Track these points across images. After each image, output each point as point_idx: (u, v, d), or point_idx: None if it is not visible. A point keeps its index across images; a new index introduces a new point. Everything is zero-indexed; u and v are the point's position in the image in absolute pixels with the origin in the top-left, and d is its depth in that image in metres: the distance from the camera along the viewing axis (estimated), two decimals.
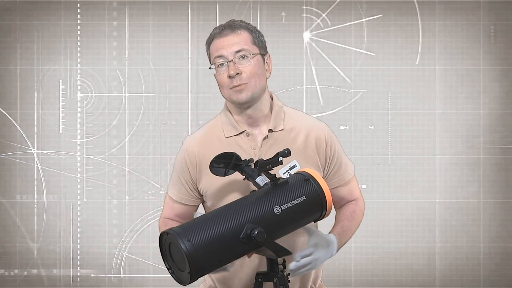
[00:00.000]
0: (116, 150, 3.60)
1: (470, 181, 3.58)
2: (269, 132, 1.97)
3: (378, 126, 3.60)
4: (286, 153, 1.78)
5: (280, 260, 1.78)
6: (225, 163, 1.79)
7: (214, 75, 1.97)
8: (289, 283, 1.80)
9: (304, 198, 1.72)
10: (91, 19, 3.59)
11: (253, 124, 1.98)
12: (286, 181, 1.73)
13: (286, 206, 1.69)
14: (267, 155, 1.92)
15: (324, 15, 3.59)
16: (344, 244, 1.97)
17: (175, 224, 1.94)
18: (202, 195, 2.02)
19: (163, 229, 1.84)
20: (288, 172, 1.92)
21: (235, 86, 1.91)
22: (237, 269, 1.98)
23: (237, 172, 1.80)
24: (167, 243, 1.66)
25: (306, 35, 3.59)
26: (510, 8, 3.58)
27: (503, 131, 3.57)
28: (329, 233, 1.94)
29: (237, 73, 1.90)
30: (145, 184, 3.60)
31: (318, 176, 1.75)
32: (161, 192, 3.60)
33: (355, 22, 3.57)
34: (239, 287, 2.01)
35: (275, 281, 1.76)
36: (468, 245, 3.57)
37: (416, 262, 3.58)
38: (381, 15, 3.58)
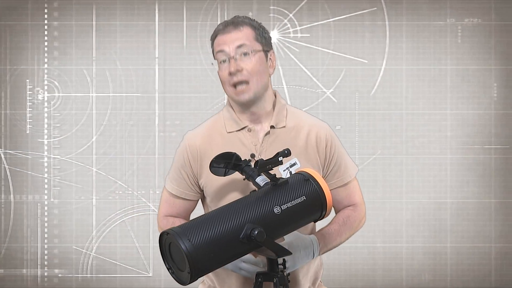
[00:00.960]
0: (83, 150, 3.63)
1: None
2: (271, 128, 1.99)
3: (345, 127, 3.63)
4: (286, 153, 1.79)
5: (280, 260, 1.79)
6: (225, 163, 1.80)
7: (218, 72, 1.99)
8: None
9: (304, 198, 1.73)
10: (58, 19, 3.62)
11: (255, 120, 1.99)
12: (286, 181, 1.75)
13: (286, 206, 1.70)
14: (268, 151, 1.94)
15: (291, 15, 3.62)
16: (332, 248, 1.98)
17: (176, 221, 1.99)
18: (202, 190, 2.03)
19: (166, 226, 1.87)
20: (288, 169, 1.93)
21: (236, 84, 1.92)
22: None
23: (237, 171, 1.82)
24: (167, 243, 1.67)
25: (274, 35, 3.62)
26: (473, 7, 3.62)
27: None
28: (312, 234, 1.96)
29: (238, 70, 1.91)
30: (112, 184, 3.63)
31: (318, 176, 1.77)
32: (128, 192, 3.63)
33: (323, 22, 3.60)
34: (238, 287, 2.01)
35: (275, 281, 1.77)
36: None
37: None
38: (348, 15, 3.61)
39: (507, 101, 3.64)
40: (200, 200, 2.10)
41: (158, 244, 1.71)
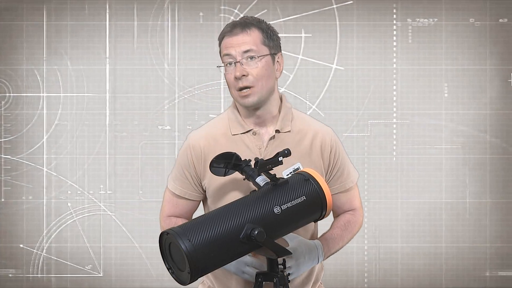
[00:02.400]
0: (34, 150, 3.67)
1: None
2: (276, 132, 2.00)
3: None
4: (286, 153, 1.80)
5: (280, 260, 1.80)
6: (225, 163, 1.81)
7: (224, 74, 1.99)
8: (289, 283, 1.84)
9: (304, 198, 1.74)
10: (8, 18, 3.66)
11: (260, 124, 2.00)
12: (286, 181, 1.76)
13: (286, 206, 1.72)
14: (272, 155, 1.90)
15: (242, 15, 3.66)
16: (334, 253, 2.00)
17: (179, 221, 1.99)
18: (205, 191, 2.04)
19: (169, 227, 1.86)
20: (291, 174, 1.93)
21: (241, 89, 1.92)
22: None
23: (237, 171, 1.84)
24: (167, 243, 1.68)
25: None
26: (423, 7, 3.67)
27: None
28: (316, 239, 1.98)
29: (244, 75, 1.91)
30: (63, 184, 3.67)
31: (318, 176, 1.78)
32: (78, 192, 3.67)
33: (273, 22, 3.65)
34: (236, 286, 2.02)
35: (275, 281, 1.79)
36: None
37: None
38: (299, 15, 3.66)
39: (456, 101, 3.69)
40: (202, 202, 2.13)
41: (108, 244, 1.73)
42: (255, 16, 2.05)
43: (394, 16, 3.69)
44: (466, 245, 3.69)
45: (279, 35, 2.02)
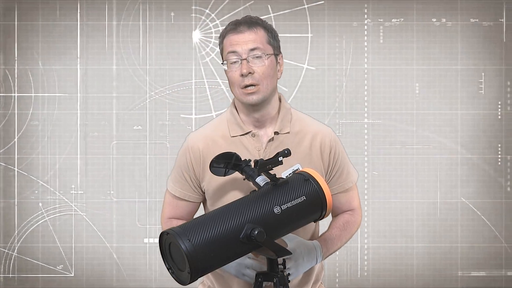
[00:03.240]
0: (5, 150, 3.69)
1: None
2: (274, 134, 2.00)
3: None
4: (286, 153, 1.81)
5: (280, 260, 1.82)
6: (225, 163, 1.82)
7: (225, 71, 1.97)
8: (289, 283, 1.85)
9: (304, 198, 1.75)
10: None
11: (259, 125, 2.01)
12: (286, 181, 1.77)
13: (286, 206, 1.72)
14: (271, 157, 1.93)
15: (213, 15, 3.69)
16: (332, 253, 2.01)
17: (180, 223, 1.97)
18: (204, 193, 2.05)
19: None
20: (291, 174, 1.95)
21: (246, 86, 1.92)
22: None
23: (237, 171, 1.85)
24: (167, 243, 1.69)
25: (196, 35, 3.69)
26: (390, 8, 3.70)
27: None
28: (315, 240, 1.99)
29: (250, 72, 1.91)
30: (34, 184, 3.69)
31: (318, 176, 1.79)
32: (50, 192, 3.69)
33: (234, 20, 3.66)
34: (237, 287, 2.03)
35: (275, 281, 1.80)
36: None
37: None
38: (270, 15, 3.68)
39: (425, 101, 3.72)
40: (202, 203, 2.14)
41: (80, 244, 1.74)
42: (227, 16, 2.06)
43: (365, 16, 3.71)
44: (437, 245, 3.71)
45: None
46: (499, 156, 3.72)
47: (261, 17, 3.63)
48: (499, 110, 3.72)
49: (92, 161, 3.71)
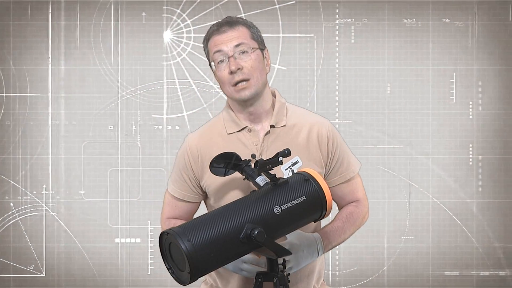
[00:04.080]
0: None
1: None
2: (271, 127, 2.02)
3: None
4: (286, 153, 1.82)
5: (280, 260, 1.82)
6: (225, 163, 1.84)
7: (214, 72, 2.00)
8: (290, 282, 1.86)
9: (304, 198, 1.76)
10: None
11: (255, 120, 2.03)
12: (286, 181, 1.78)
13: (286, 206, 1.73)
14: (269, 150, 1.97)
15: (184, 15, 3.71)
16: (336, 245, 2.02)
17: (178, 223, 1.97)
18: (205, 192, 2.07)
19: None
20: (290, 168, 1.97)
21: (237, 83, 1.94)
22: None
23: (237, 171, 1.87)
24: (167, 243, 1.71)
25: (167, 35, 3.71)
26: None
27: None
28: (316, 232, 2.00)
29: (239, 68, 1.93)
30: (6, 184, 3.71)
31: (318, 176, 1.80)
32: (21, 192, 3.71)
33: (216, 22, 3.68)
34: (240, 286, 2.04)
35: (275, 281, 1.81)
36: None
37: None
38: (242, 15, 3.70)
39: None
40: (203, 201, 2.15)
41: (51, 244, 1.74)
42: (198, 16, 2.08)
43: (337, 16, 3.73)
44: (409, 245, 3.73)
45: None
46: (471, 156, 3.74)
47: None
48: (470, 110, 3.74)
49: (63, 161, 3.73)
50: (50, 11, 3.72)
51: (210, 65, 2.01)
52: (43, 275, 3.72)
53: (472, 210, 3.74)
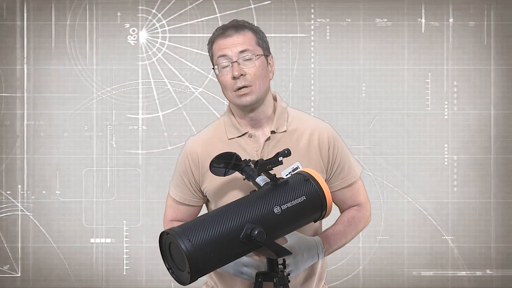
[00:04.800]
0: None
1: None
2: (271, 133, 2.02)
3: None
4: (286, 153, 1.83)
5: (280, 260, 1.83)
6: (225, 163, 1.85)
7: (217, 75, 2.00)
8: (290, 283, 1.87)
9: (304, 198, 1.76)
10: None
11: (255, 125, 2.03)
12: (286, 181, 1.79)
13: (286, 206, 1.74)
14: (270, 156, 1.95)
15: (160, 15, 3.73)
16: (336, 249, 2.02)
17: None
18: (205, 196, 2.08)
19: None
20: (291, 174, 1.95)
21: (239, 88, 1.94)
22: None
23: (237, 171, 1.87)
24: (167, 243, 1.71)
25: (142, 35, 3.73)
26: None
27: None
28: (317, 236, 2.01)
29: (242, 74, 1.93)
30: None
31: (318, 176, 1.80)
32: None
33: (191, 22, 3.71)
34: (241, 287, 2.05)
35: (275, 281, 1.81)
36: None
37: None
38: (217, 15, 3.72)
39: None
40: (204, 204, 2.17)
41: (26, 244, 1.74)
42: (173, 16, 2.08)
43: (312, 16, 3.75)
44: (384, 245, 3.75)
45: (201, 34, 2.04)
46: (446, 156, 3.76)
47: (207, 18, 3.71)
48: (446, 110, 3.76)
49: (38, 161, 3.75)
50: (25, 11, 3.74)
51: (213, 68, 2.01)
52: (18, 275, 3.74)
53: (447, 210, 3.76)
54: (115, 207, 3.75)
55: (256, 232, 1.67)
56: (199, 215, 1.84)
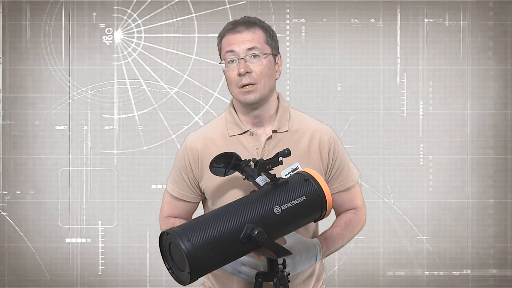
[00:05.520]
0: None
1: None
2: (273, 132, 2.03)
3: (193, 126, 3.76)
4: (286, 153, 1.83)
5: (280, 260, 1.84)
6: (225, 163, 1.85)
7: (223, 70, 2.00)
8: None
9: (304, 198, 1.77)
10: None
11: (258, 124, 2.03)
12: (286, 181, 1.79)
13: (286, 206, 1.74)
14: (270, 155, 1.97)
15: (135, 15, 3.74)
16: (333, 251, 2.03)
17: (177, 221, 2.04)
18: (203, 193, 2.08)
19: (167, 227, 1.89)
20: (290, 174, 1.96)
21: (244, 86, 1.95)
22: None
23: (237, 171, 1.88)
24: (167, 243, 1.72)
25: (117, 35, 3.74)
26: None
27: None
28: (315, 238, 2.02)
29: (247, 72, 1.94)
30: None
31: (318, 176, 1.81)
32: None
33: (166, 22, 3.73)
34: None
35: (275, 281, 1.82)
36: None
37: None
38: (193, 15, 3.74)
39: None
40: (201, 203, 2.17)
41: (2, 244, 1.73)
42: (148, 16, 2.08)
43: (288, 16, 3.77)
44: (359, 245, 3.76)
45: (177, 34, 2.05)
46: (421, 156, 3.77)
47: (182, 18, 3.73)
48: (421, 110, 3.77)
49: (14, 161, 3.76)
50: (1, 11, 3.75)
51: (220, 62, 2.01)
52: None
53: (423, 210, 3.77)
54: (90, 207, 3.76)
55: (256, 232, 1.68)
56: (198, 215, 1.83)
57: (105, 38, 3.76)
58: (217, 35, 2.03)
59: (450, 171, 3.77)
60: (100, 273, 3.76)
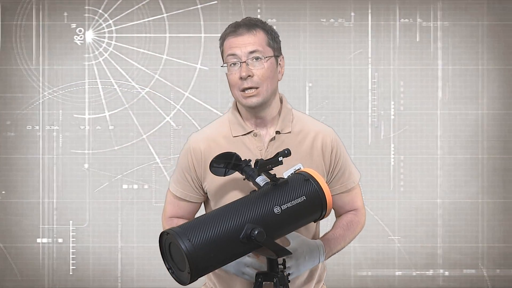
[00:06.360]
0: None
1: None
2: (276, 134, 2.04)
3: (163, 127, 3.77)
4: (286, 153, 1.84)
5: (280, 260, 1.84)
6: (225, 163, 1.86)
7: (226, 74, 2.01)
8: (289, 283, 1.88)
9: (304, 198, 1.77)
10: None
11: (260, 125, 2.05)
12: (286, 181, 1.80)
13: (286, 206, 1.75)
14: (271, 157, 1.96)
15: (106, 15, 3.76)
16: (335, 253, 2.05)
17: (180, 222, 2.01)
18: (206, 193, 2.09)
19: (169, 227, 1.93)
20: (291, 174, 1.96)
21: (246, 89, 1.96)
22: None
23: (237, 171, 1.89)
24: (167, 243, 1.73)
25: (89, 35, 3.76)
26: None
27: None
28: (318, 239, 2.03)
29: (249, 75, 1.95)
30: None
31: (318, 176, 1.82)
32: None
33: (138, 22, 3.74)
34: None
35: (275, 281, 1.82)
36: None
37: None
38: (164, 15, 3.75)
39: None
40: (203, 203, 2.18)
41: None
42: (120, 16, 2.09)
43: (259, 16, 3.78)
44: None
45: (149, 34, 2.05)
46: (392, 156, 3.79)
47: (153, 18, 3.74)
48: (392, 109, 3.79)
49: None
50: None
51: (222, 66, 2.03)
52: None
53: (394, 210, 3.79)
54: (61, 207, 3.78)
55: (256, 232, 1.68)
56: (198, 215, 1.85)
57: (76, 38, 3.77)
58: (219, 36, 2.05)
59: (421, 171, 3.79)
60: (71, 273, 3.77)
